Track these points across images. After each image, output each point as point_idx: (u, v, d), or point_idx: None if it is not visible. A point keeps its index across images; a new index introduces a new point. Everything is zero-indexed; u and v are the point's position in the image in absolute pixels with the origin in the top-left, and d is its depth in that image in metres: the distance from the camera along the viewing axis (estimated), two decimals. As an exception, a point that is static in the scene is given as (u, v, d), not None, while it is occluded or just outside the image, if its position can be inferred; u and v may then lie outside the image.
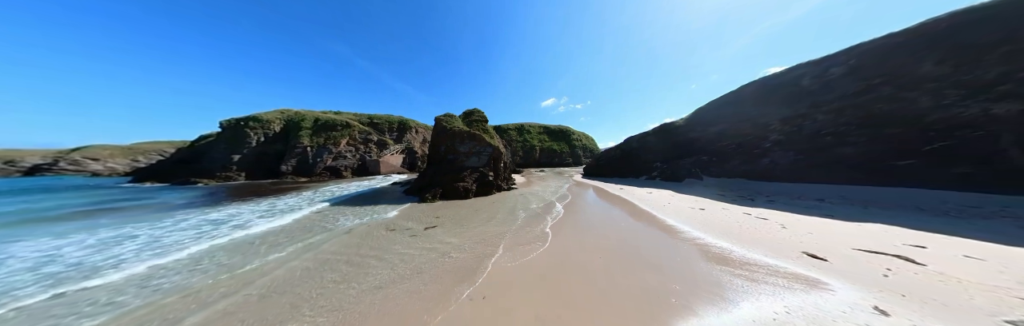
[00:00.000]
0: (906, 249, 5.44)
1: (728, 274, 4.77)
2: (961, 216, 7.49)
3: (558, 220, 9.40)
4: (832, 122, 13.98)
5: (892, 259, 5.00)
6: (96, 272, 5.60)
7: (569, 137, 69.13)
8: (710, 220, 8.63)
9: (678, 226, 8.12)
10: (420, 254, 6.35)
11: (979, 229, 6.36)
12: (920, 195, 9.63)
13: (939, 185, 9.87)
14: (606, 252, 6.13)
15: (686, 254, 5.88)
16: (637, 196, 14.20)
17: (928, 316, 3.24)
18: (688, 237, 7.07)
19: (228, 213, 11.65)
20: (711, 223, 8.24)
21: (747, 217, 8.83)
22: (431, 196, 15.23)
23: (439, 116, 20.48)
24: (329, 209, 12.74)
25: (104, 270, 5.71)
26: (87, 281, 5.19)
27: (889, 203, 9.39)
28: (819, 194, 11.74)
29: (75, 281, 5.21)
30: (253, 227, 8.89)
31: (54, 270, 5.79)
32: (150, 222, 10.00)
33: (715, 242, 6.53)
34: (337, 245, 7.09)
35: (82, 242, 7.53)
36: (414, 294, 4.40)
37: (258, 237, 7.93)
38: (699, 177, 19.63)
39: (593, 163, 32.43)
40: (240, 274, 5.38)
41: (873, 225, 7.24)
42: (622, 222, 9.06)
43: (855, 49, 14.17)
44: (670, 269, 5.09)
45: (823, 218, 8.19)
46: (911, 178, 10.60)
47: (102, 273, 5.54)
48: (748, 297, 3.95)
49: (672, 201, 12.43)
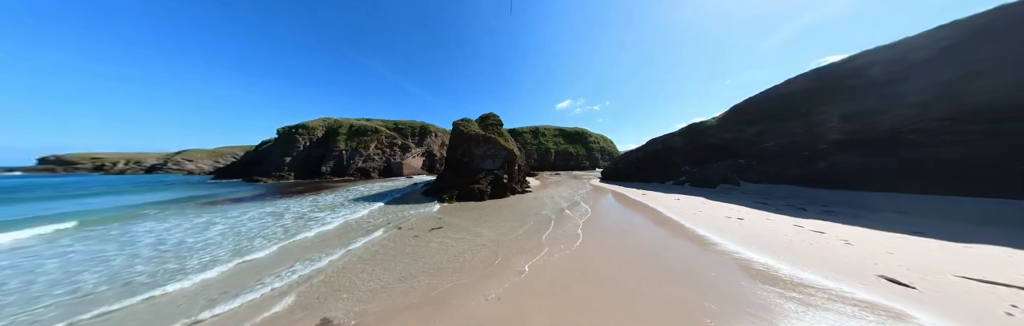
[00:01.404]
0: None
1: (777, 296, 4.14)
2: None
3: (575, 226, 9.10)
4: (917, 117, 11.43)
5: (1020, 292, 3.87)
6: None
7: (586, 139, 66.89)
8: (751, 232, 7.61)
9: (711, 237, 7.31)
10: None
11: None
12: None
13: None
14: (628, 262, 5.75)
15: (722, 269, 5.25)
16: (663, 203, 13.12)
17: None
18: (724, 250, 6.31)
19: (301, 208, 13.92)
20: (752, 235, 7.27)
21: (798, 230, 7.60)
22: (448, 197, 15.87)
23: (457, 121, 21.49)
24: (353, 204, 14.09)
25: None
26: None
27: (1012, 220, 7.29)
28: (900, 206, 9.62)
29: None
30: (334, 221, 10.49)
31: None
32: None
33: (757, 257, 5.73)
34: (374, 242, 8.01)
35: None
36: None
37: (339, 228, 9.67)
38: (736, 182, 17.48)
39: (612, 166, 30.77)
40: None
41: (988, 247, 5.70)
42: (646, 230, 8.43)
43: (949, 28, 11.58)
44: (702, 285, 4.58)
45: (909, 235, 6.68)
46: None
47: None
48: (801, 323, 3.37)
49: (703, 209, 11.22)
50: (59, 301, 4.64)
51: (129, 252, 7.08)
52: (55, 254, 6.99)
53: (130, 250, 7.22)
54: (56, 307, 4.46)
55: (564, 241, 7.36)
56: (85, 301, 4.64)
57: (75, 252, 7.12)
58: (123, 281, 5.37)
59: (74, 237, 8.54)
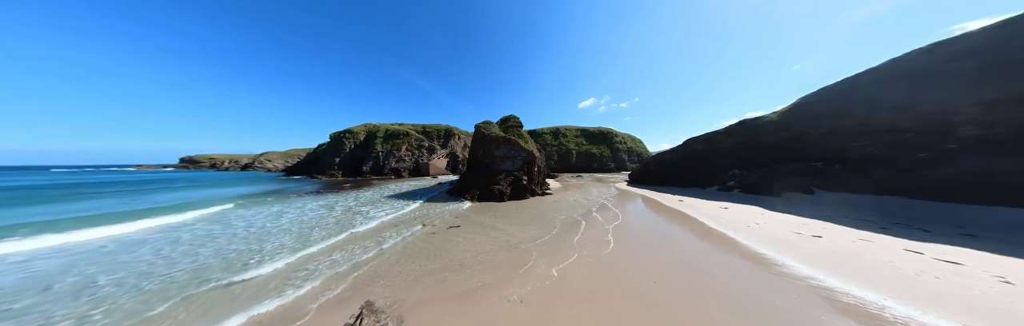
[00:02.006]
0: None
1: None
2: None
3: (603, 232, 8.48)
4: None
5: None
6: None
7: (611, 140, 62.64)
8: (835, 254, 6.01)
9: (773, 256, 6.00)
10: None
11: None
12: None
13: None
14: (663, 277, 5.11)
15: (791, 298, 4.24)
16: (705, 211, 11.37)
17: None
18: (793, 274, 5.12)
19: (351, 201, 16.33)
20: (837, 258, 5.73)
21: (915, 257, 5.70)
22: (470, 196, 16.50)
23: (479, 123, 22.22)
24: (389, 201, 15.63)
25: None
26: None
27: None
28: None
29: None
30: (374, 217, 12.10)
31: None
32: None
33: (846, 287, 4.48)
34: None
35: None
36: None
37: (377, 225, 10.96)
38: (807, 190, 14.14)
39: (641, 169, 28.03)
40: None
41: None
42: (685, 243, 7.40)
43: None
44: (762, 316, 3.75)
45: None
46: None
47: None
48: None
49: (761, 221, 9.35)
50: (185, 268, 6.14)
51: (230, 232, 9.12)
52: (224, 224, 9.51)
53: (232, 230, 9.36)
54: (183, 271, 5.88)
55: (591, 247, 6.91)
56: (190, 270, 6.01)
57: (197, 232, 9.48)
58: (223, 257, 6.84)
59: (199, 223, 11.38)
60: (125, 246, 7.56)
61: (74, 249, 7.33)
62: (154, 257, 6.73)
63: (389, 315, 3.93)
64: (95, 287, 5.10)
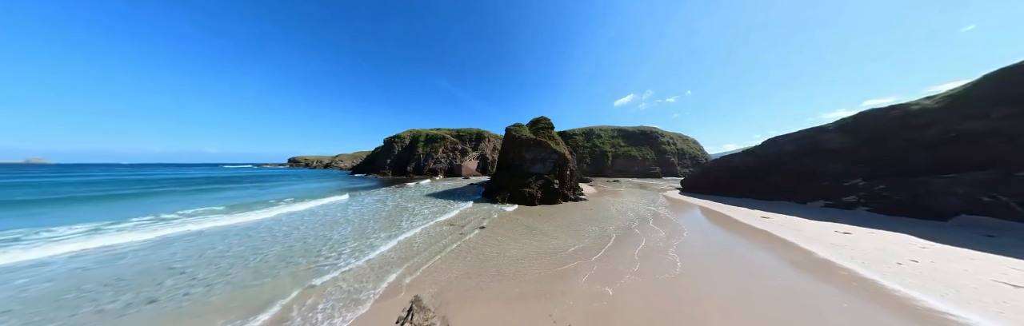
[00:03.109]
0: None
1: None
2: None
3: (665, 248, 7.11)
4: None
5: None
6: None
7: (655, 140, 54.73)
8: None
9: (957, 314, 3.80)
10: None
11: None
12: None
13: None
14: (759, 317, 3.81)
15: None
16: (813, 236, 8.27)
17: None
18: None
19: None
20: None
21: None
22: (501, 198, 16.68)
23: (509, 126, 22.51)
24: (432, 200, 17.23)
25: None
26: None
27: None
28: None
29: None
30: (456, 209, 14.17)
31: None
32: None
33: None
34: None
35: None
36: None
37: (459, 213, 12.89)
38: (1009, 215, 8.98)
39: (699, 174, 23.20)
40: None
41: None
42: (788, 281, 5.27)
43: None
44: None
45: None
46: None
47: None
48: None
49: (922, 258, 6.22)
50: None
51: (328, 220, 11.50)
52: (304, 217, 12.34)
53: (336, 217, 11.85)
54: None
55: (651, 268, 5.81)
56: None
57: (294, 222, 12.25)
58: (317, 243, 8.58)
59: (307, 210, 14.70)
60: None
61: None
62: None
63: (435, 314, 4.09)
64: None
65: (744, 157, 20.43)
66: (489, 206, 15.08)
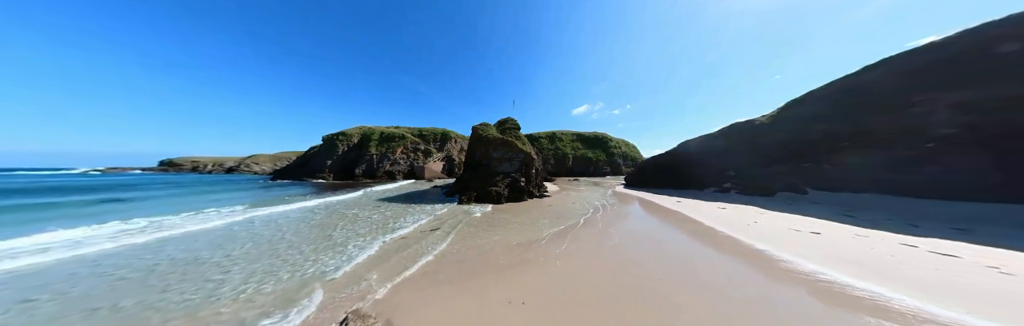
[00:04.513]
0: None
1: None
2: None
3: (604, 233, 8.36)
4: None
5: None
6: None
7: (606, 144, 63.71)
8: (835, 249, 6.06)
9: (776, 253, 5.98)
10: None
11: None
12: None
13: None
14: (668, 275, 5.00)
15: (800, 293, 4.18)
16: (704, 212, 11.43)
17: None
18: (798, 269, 5.07)
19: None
20: (838, 253, 5.77)
21: (911, 251, 5.80)
22: (466, 198, 16.15)
23: (476, 125, 22.32)
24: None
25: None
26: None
27: None
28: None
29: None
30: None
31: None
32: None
33: (851, 281, 4.45)
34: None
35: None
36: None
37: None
38: (801, 191, 14.53)
39: (637, 172, 28.39)
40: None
41: None
42: (686, 242, 7.35)
43: None
44: (779, 311, 3.68)
45: None
46: None
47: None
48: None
49: (760, 220, 9.42)
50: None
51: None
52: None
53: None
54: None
55: (595, 246, 6.79)
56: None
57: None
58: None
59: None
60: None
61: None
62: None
63: (377, 320, 3.64)
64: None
65: (665, 157, 26.10)
66: (454, 207, 14.38)
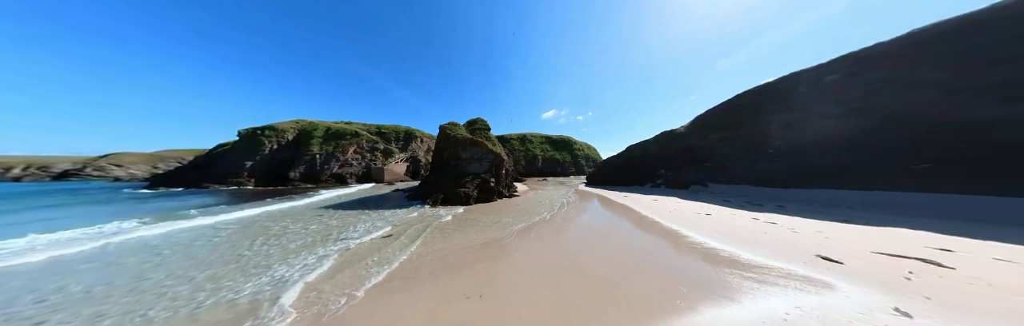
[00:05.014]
0: (931, 252, 5.11)
1: (738, 277, 4.59)
2: (990, 221, 7.09)
3: (564, 225, 9.28)
4: (837, 127, 13.77)
5: (915, 262, 4.70)
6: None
7: (571, 147, 69.80)
8: (716, 225, 8.38)
9: (683, 231, 7.90)
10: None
11: (1010, 233, 5.95)
12: (945, 200, 8.88)
13: (963, 190, 9.16)
14: (612, 254, 6.02)
15: (692, 258, 5.69)
16: (643, 204, 13.90)
17: (958, 321, 2.98)
18: (693, 241, 6.85)
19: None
20: (718, 229, 8.00)
21: (755, 222, 8.53)
22: (432, 201, 15.32)
23: (444, 124, 21.50)
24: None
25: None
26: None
27: (913, 208, 8.96)
28: (832, 199, 11.37)
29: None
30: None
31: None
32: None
33: (722, 247, 6.29)
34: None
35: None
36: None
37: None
38: (704, 184, 19.22)
39: (596, 172, 32.27)
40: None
41: (897, 229, 6.90)
42: (627, 228, 8.89)
43: (850, 57, 14.40)
44: (677, 272, 4.95)
45: (838, 222, 7.89)
46: (933, 183, 9.94)
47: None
48: (757, 298, 3.79)
49: (677, 208, 12.13)
50: None
51: None
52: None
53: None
54: None
55: (553, 237, 7.50)
56: None
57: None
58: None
59: None
60: None
61: None
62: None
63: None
64: None
65: (617, 159, 30.58)
66: (420, 211, 13.50)
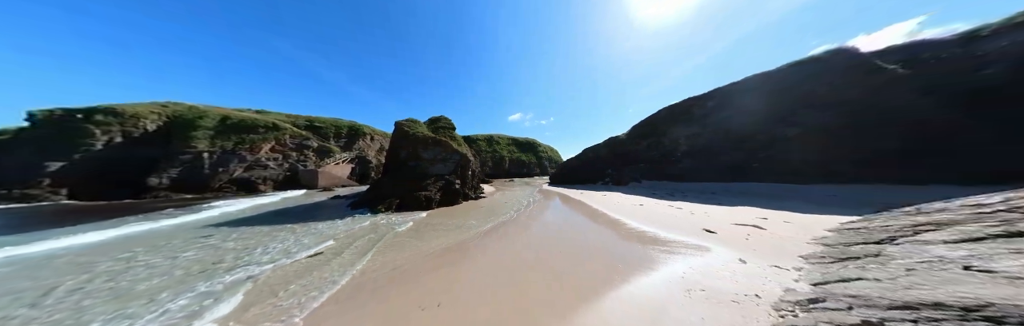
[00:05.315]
0: (758, 221, 7.89)
1: (657, 251, 5.94)
2: (784, 198, 11.52)
3: (526, 222, 9.76)
4: (714, 139, 20.83)
5: (751, 228, 7.22)
6: None
7: (536, 149, 73.96)
8: (647, 213, 10.51)
9: (623, 220, 9.56)
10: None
11: (791, 207, 9.76)
12: (767, 187, 14.81)
13: (775, 181, 15.80)
14: (568, 251, 6.67)
15: (627, 239, 6.98)
16: (595, 199, 15.96)
17: (766, 260, 4.92)
18: (631, 227, 8.39)
19: None
20: (647, 216, 10.04)
21: (669, 208, 11.17)
22: (385, 207, 13.43)
23: (400, 121, 19.35)
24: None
25: None
26: None
27: (752, 193, 13.63)
28: (712, 189, 16.20)
29: None
30: None
31: None
32: None
33: (649, 229, 7.95)
34: None
35: None
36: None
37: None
38: (639, 181, 23.71)
39: (557, 172, 35.36)
40: None
41: (743, 207, 10.25)
42: (582, 222, 10.09)
43: (717, 91, 22.26)
44: (615, 253, 6.01)
45: (715, 205, 11.15)
46: (761, 176, 16.67)
47: None
48: (667, 265, 5.03)
49: (620, 201, 14.52)
50: None
51: None
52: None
53: None
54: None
55: (518, 236, 7.81)
56: None
57: None
58: None
59: None
60: None
61: None
62: None
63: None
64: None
65: (575, 160, 34.35)
66: (369, 220, 11.68)
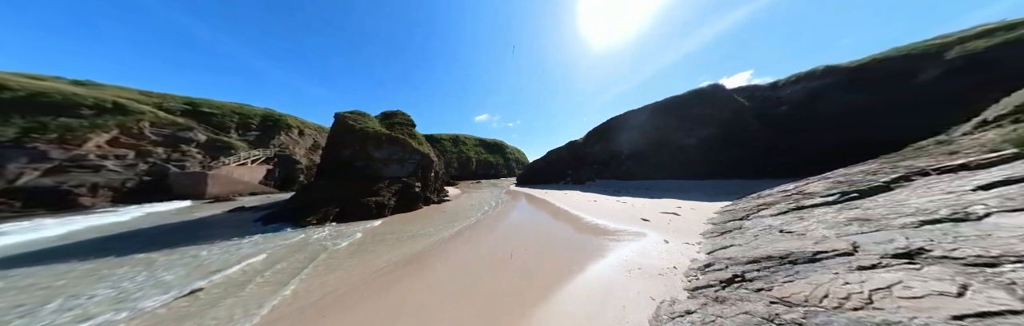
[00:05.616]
0: (676, 209, 9.99)
1: (607, 240, 6.79)
2: (692, 190, 14.97)
3: (492, 226, 9.62)
4: (643, 145, 26.02)
5: (671, 215, 9.09)
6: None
7: (503, 150, 74.69)
8: (598, 208, 11.92)
9: (579, 214, 10.58)
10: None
11: (695, 197, 12.75)
12: (679, 183, 19.23)
13: (685, 177, 20.56)
14: (532, 248, 6.91)
15: (583, 232, 7.75)
16: (557, 197, 17.12)
17: (681, 239, 6.26)
18: (586, 221, 9.33)
19: None
20: (600, 210, 11.38)
21: (617, 203, 12.95)
22: (318, 218, 10.60)
23: (342, 113, 16.34)
24: None
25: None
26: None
27: (672, 188, 17.20)
28: (645, 185, 19.80)
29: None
30: None
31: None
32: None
33: (601, 222, 9.00)
34: None
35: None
36: None
37: None
38: (594, 180, 26.83)
39: (524, 173, 36.89)
40: None
41: (666, 200, 12.80)
42: (546, 219, 10.64)
43: (646, 107, 27.98)
44: (573, 245, 6.64)
45: (648, 198, 13.59)
46: (676, 174, 21.61)
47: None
48: (614, 251, 5.81)
49: (578, 198, 16.00)
50: None
51: None
52: None
53: None
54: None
55: (484, 238, 7.65)
56: None
57: None
58: None
59: None
60: None
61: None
62: None
63: None
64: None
65: (540, 162, 36.44)
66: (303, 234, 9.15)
